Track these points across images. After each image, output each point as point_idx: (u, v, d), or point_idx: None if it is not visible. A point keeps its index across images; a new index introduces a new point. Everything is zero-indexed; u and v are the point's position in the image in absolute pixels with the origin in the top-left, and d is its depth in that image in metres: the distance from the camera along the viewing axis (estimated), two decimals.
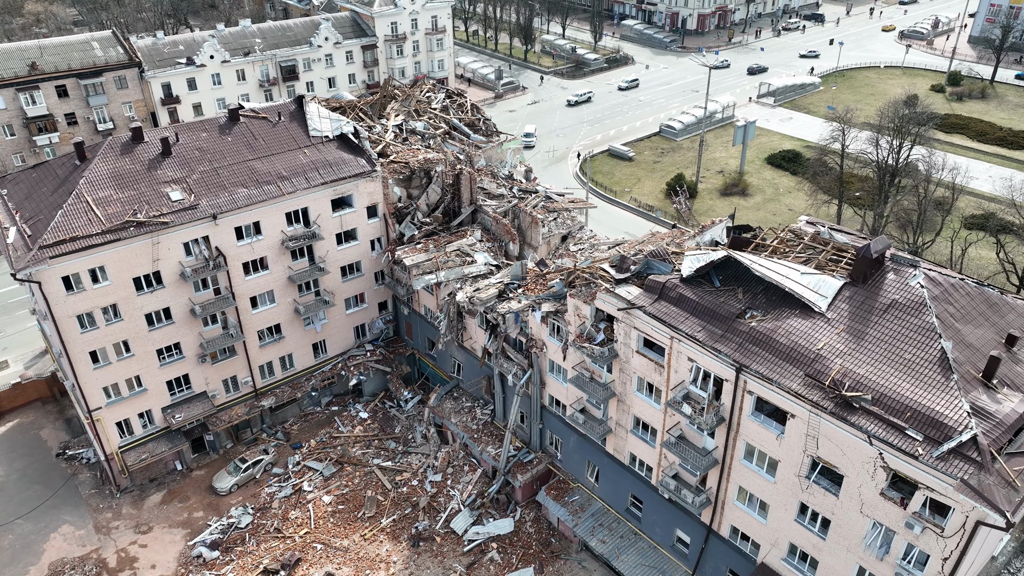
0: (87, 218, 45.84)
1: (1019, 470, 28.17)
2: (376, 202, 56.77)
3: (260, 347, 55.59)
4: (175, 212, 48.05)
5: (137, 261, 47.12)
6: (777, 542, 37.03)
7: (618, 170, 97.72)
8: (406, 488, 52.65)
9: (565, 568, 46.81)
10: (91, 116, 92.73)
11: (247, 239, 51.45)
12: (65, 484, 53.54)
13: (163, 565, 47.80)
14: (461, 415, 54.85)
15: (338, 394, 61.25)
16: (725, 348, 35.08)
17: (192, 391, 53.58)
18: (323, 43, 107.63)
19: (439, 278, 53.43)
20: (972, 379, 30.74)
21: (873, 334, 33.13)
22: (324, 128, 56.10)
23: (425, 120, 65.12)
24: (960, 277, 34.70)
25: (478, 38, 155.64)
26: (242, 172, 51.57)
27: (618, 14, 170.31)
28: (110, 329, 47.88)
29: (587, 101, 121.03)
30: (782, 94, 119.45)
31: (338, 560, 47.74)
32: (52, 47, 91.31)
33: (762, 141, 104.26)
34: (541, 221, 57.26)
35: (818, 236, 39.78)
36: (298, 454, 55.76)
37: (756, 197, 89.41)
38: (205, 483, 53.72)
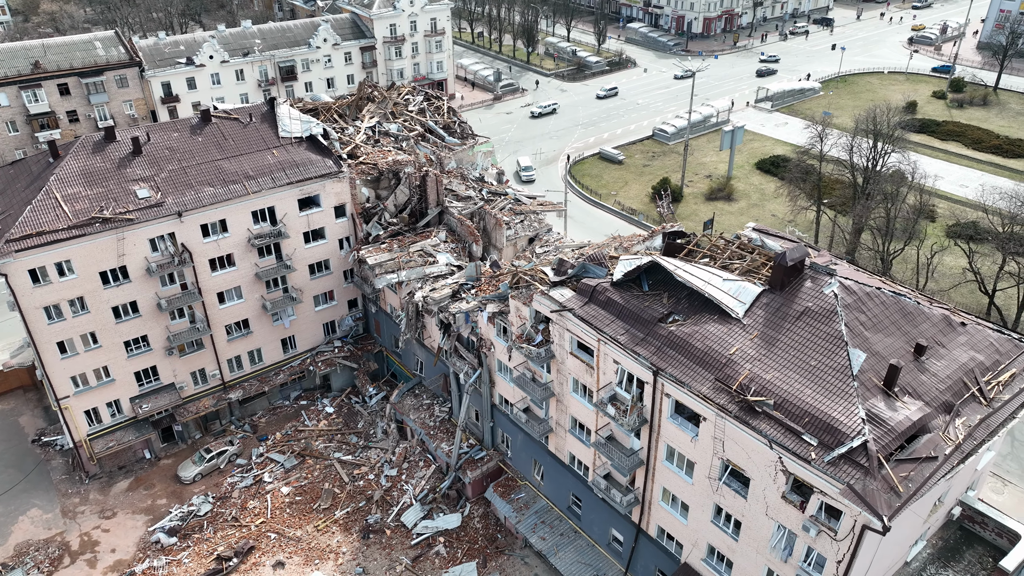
0: (55, 214, 47.74)
1: (904, 476, 28.67)
2: (344, 202, 58.17)
3: (228, 341, 57.25)
4: (141, 209, 49.81)
5: (103, 256, 48.94)
6: (697, 543, 37.73)
7: (607, 173, 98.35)
8: (362, 482, 53.98)
9: (508, 564, 47.80)
10: (92, 114, 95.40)
11: (213, 236, 53.08)
12: (38, 469, 55.63)
13: (122, 549, 49.59)
14: (420, 412, 56.07)
15: (307, 389, 62.81)
16: (644, 351, 35.88)
17: (160, 382, 55.38)
18: (322, 44, 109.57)
19: (400, 277, 54.67)
20: (873, 387, 31.24)
21: (784, 340, 33.74)
22: (294, 129, 57.62)
23: (400, 122, 66.43)
24: (877, 287, 35.13)
25: (483, 40, 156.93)
26: (210, 171, 53.24)
27: (625, 17, 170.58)
28: (77, 321, 49.78)
29: (552, 113, 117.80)
30: (780, 99, 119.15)
31: (290, 549, 49.19)
32: (55, 46, 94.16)
33: (755, 146, 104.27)
34: (506, 223, 58.28)
35: (747, 243, 40.35)
36: (263, 446, 57.36)
37: (741, 202, 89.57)
38: (171, 472, 55.50)
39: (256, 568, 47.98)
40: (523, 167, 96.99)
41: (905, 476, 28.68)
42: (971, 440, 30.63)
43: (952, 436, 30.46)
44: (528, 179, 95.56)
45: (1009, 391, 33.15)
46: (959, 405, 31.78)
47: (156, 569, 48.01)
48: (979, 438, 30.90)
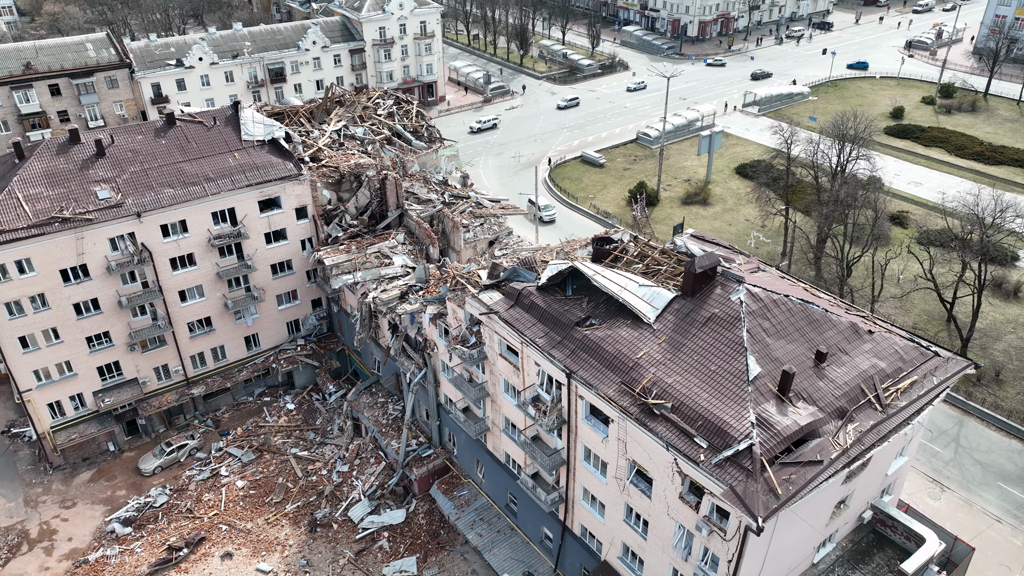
0: (15, 213, 49.50)
1: (786, 479, 29.54)
2: (305, 204, 59.60)
3: (191, 338, 58.85)
4: (101, 210, 51.47)
5: (62, 254, 50.66)
6: (614, 541, 38.74)
7: (587, 176, 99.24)
8: (315, 477, 55.38)
9: (447, 559, 48.98)
10: (83, 114, 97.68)
11: (173, 236, 54.69)
12: (5, 459, 57.51)
13: (79, 538, 51.29)
14: (374, 410, 57.41)
15: (271, 386, 64.32)
16: (559, 354, 36.93)
17: (123, 377, 57.08)
18: (311, 47, 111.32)
19: (356, 278, 56.00)
20: (767, 392, 32.11)
21: (689, 345, 34.67)
22: (256, 132, 59.13)
23: (367, 126, 67.80)
24: (785, 295, 35.92)
25: (479, 42, 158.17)
26: (171, 173, 54.85)
27: (622, 20, 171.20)
28: (38, 317, 51.54)
29: (492, 128, 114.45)
30: (767, 103, 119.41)
31: (239, 541, 50.66)
32: (47, 48, 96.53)
33: (737, 151, 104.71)
34: (464, 226, 59.43)
35: (671, 250, 41.31)
36: (223, 441, 58.93)
37: (716, 206, 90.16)
38: (133, 464, 57.18)
39: (205, 559, 49.48)
40: (542, 207, 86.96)
41: (787, 479, 29.54)
42: (859, 445, 31.41)
43: (841, 441, 31.27)
44: (550, 219, 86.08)
45: (907, 398, 33.87)
46: (853, 411, 32.56)
47: (109, 558, 49.64)
48: (868, 443, 31.66)
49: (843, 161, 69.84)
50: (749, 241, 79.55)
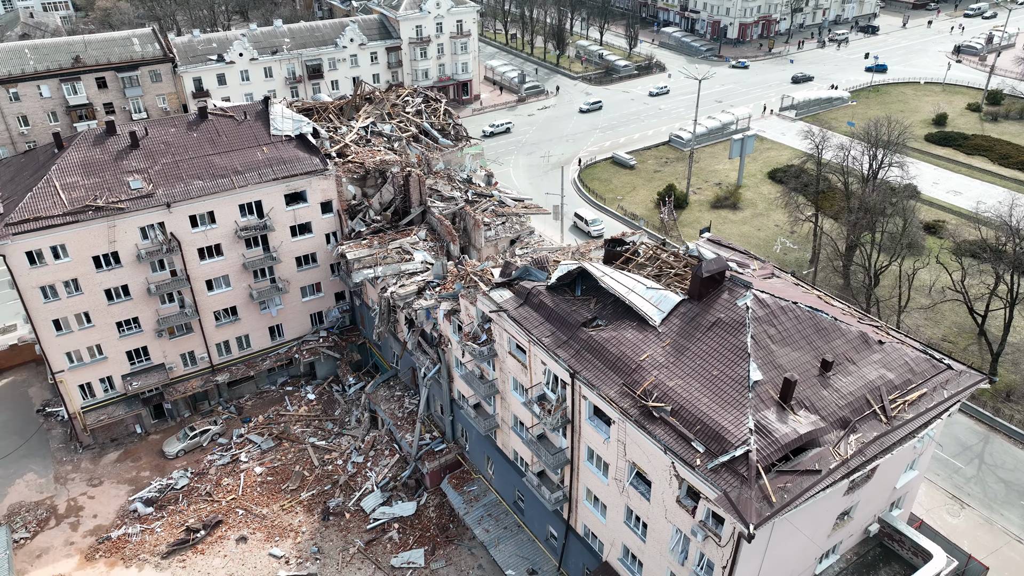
0: (52, 201, 51.50)
1: (781, 487, 29.32)
2: (330, 198, 60.71)
3: (216, 327, 60.45)
4: (132, 199, 53.24)
5: (95, 241, 52.52)
6: (615, 542, 38.82)
7: (616, 178, 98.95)
8: (331, 466, 56.45)
9: (455, 552, 49.53)
10: (127, 106, 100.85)
11: (201, 227, 56.25)
12: (38, 437, 59.84)
13: (103, 515, 53.14)
14: (391, 403, 58.29)
15: (293, 375, 65.70)
16: (564, 353, 37.14)
17: (151, 362, 58.91)
18: (348, 44, 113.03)
19: (376, 272, 56.95)
20: (769, 399, 31.88)
21: (693, 349, 34.57)
22: (285, 128, 60.43)
23: (394, 123, 68.73)
24: (794, 302, 35.56)
25: (516, 41, 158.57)
26: (201, 165, 56.41)
27: (661, 21, 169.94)
28: (71, 301, 53.52)
29: (505, 132, 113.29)
30: (805, 108, 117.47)
31: (254, 526, 51.95)
32: (95, 42, 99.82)
33: (771, 155, 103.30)
34: (485, 224, 59.96)
35: (678, 252, 41.17)
36: (245, 427, 60.42)
37: (746, 211, 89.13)
38: (158, 447, 59.00)
39: (221, 541, 50.86)
40: (589, 221, 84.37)
41: (782, 487, 29.33)
42: (860, 456, 31.00)
43: (842, 452, 30.91)
44: (597, 234, 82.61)
45: (914, 410, 33.28)
46: (856, 422, 32.14)
47: (130, 536, 51.36)
48: (870, 455, 31.23)
49: (874, 167, 68.46)
50: (776, 247, 78.53)
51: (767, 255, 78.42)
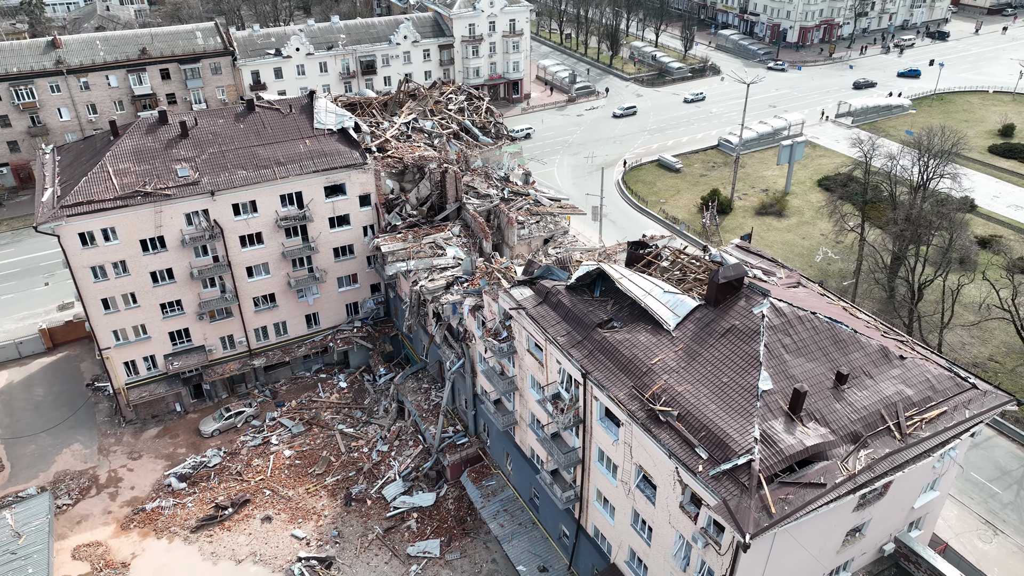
0: (105, 185, 54.09)
1: (782, 499, 28.93)
2: (369, 192, 62.05)
3: (255, 312, 62.48)
4: (179, 186, 55.48)
5: (143, 225, 54.93)
6: (622, 544, 38.82)
7: (661, 180, 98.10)
8: (357, 454, 57.78)
9: (470, 545, 50.17)
10: (188, 97, 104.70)
11: (243, 215, 58.22)
12: (86, 410, 62.88)
13: (140, 488, 55.60)
14: (418, 395, 59.29)
15: (327, 363, 67.38)
16: (578, 353, 37.31)
17: (192, 343, 61.26)
18: (402, 41, 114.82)
19: (408, 266, 57.98)
20: (777, 409, 31.45)
21: (706, 355, 34.32)
22: (328, 122, 62.00)
23: (436, 120, 69.72)
24: (812, 312, 34.92)
25: (570, 41, 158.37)
26: (245, 156, 58.38)
27: (720, 23, 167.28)
28: (119, 282, 56.09)
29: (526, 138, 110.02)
30: (862, 115, 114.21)
31: (280, 507, 53.60)
32: (161, 35, 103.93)
33: (823, 163, 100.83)
34: (518, 223, 60.36)
35: (700, 257, 40.81)
36: (278, 411, 62.30)
37: (792, 219, 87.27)
38: (195, 425, 61.32)
39: (247, 520, 52.65)
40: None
41: (783, 498, 28.95)
42: (869, 472, 30.32)
43: (850, 466, 30.30)
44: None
45: (931, 428, 32.35)
46: (868, 437, 31.44)
47: (163, 509, 53.61)
48: (880, 471, 30.51)
49: (925, 178, 66.23)
50: (817, 257, 76.73)
51: (809, 265, 76.73)
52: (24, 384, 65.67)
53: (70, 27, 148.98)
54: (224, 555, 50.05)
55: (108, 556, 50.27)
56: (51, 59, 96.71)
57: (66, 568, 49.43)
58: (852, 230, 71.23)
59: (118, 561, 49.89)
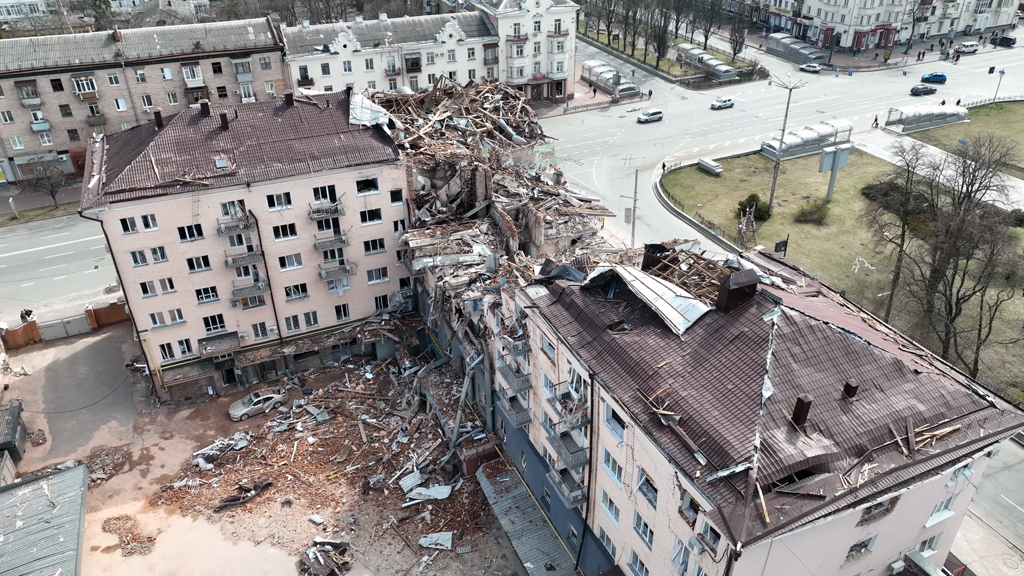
0: (147, 174, 56.27)
1: (778, 508, 28.60)
2: (400, 187, 63.08)
3: (286, 301, 64.14)
4: (216, 177, 57.34)
5: (181, 214, 56.96)
6: (625, 547, 38.81)
7: (700, 184, 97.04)
8: (377, 444, 58.85)
9: (482, 540, 50.69)
10: (238, 90, 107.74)
11: (277, 207, 59.83)
12: (124, 389, 65.47)
13: (169, 466, 57.69)
14: (439, 389, 60.08)
15: (355, 354, 68.74)
16: (587, 354, 37.43)
17: (225, 329, 63.23)
18: (447, 39, 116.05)
19: (436, 261, 58.81)
20: (780, 418, 31.08)
21: (712, 361, 34.09)
22: (363, 117, 63.25)
23: (470, 118, 70.41)
24: (825, 322, 34.33)
25: (618, 42, 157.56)
26: (281, 149, 59.98)
27: (772, 26, 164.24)
28: (157, 267, 58.28)
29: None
30: (914, 123, 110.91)
31: (300, 491, 54.99)
32: (215, 30, 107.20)
33: (869, 171, 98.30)
34: (546, 222, 60.63)
35: (715, 263, 40.46)
36: (305, 399, 63.85)
37: (831, 227, 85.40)
38: (225, 409, 63.28)
39: (268, 503, 54.17)
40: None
41: (779, 508, 28.64)
42: (871, 487, 29.74)
43: (852, 480, 29.78)
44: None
45: (942, 445, 31.53)
46: (874, 451, 30.83)
47: (189, 488, 55.53)
48: (883, 486, 29.90)
49: (969, 188, 64.12)
50: (854, 267, 74.93)
51: (846, 275, 75.04)
52: (69, 362, 68.70)
53: (133, 21, 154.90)
54: (244, 536, 51.62)
55: (136, 530, 52.33)
56: (111, 52, 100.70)
57: (96, 539, 51.66)
58: (891, 240, 69.39)
59: (145, 535, 51.89)
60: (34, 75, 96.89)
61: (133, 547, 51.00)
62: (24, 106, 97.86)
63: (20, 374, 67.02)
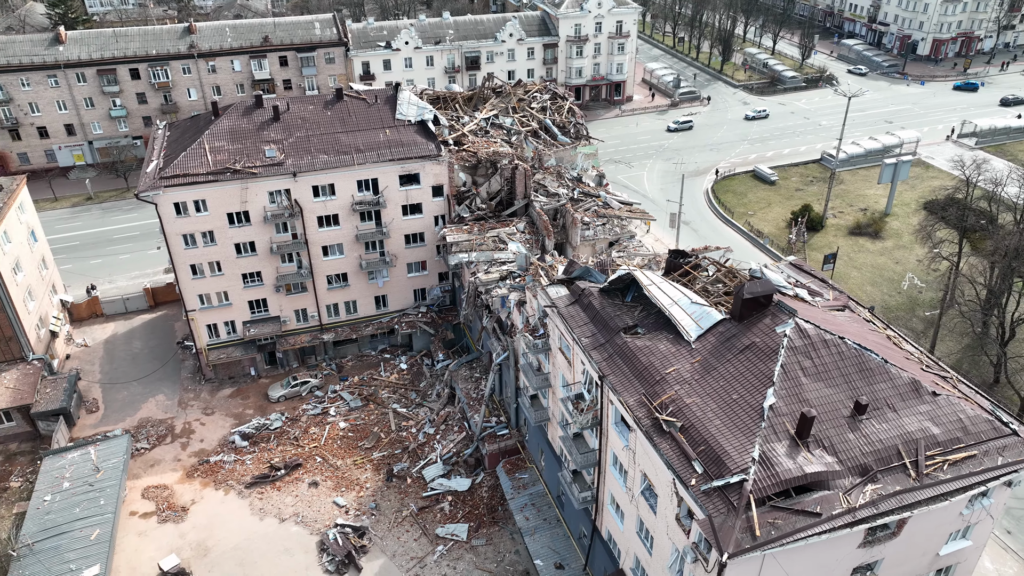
0: (201, 161, 58.93)
1: (770, 523, 28.17)
2: (442, 183, 64.19)
3: (328, 289, 66.11)
4: (265, 166, 59.59)
5: (230, 200, 59.43)
6: (628, 551, 38.76)
7: (753, 192, 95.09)
8: (405, 433, 60.13)
9: (497, 534, 51.27)
10: (302, 84, 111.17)
11: (322, 197, 61.74)
12: (173, 365, 68.69)
13: (208, 441, 60.32)
14: (468, 383, 60.93)
15: (392, 344, 70.28)
16: (598, 356, 37.53)
17: (268, 313, 65.64)
18: (507, 39, 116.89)
19: (470, 257, 59.68)
20: (783, 432, 30.56)
21: (721, 370, 33.73)
22: (409, 113, 64.61)
23: (516, 117, 70.99)
24: (841, 337, 33.50)
25: (683, 45, 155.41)
26: (328, 141, 61.87)
27: (845, 32, 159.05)
28: (206, 250, 60.96)
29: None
30: (988, 136, 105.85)
31: (327, 474, 56.72)
32: (283, 24, 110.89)
33: (934, 184, 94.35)
34: (583, 224, 60.76)
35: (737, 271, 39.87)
36: (340, 385, 65.70)
37: (887, 241, 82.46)
38: (264, 390, 65.69)
39: (296, 482, 56.06)
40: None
41: (771, 522, 28.21)
42: (871, 508, 28.95)
43: (852, 499, 29.07)
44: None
45: (954, 471, 30.40)
46: (879, 472, 29.99)
47: (224, 463, 57.95)
48: (884, 508, 29.07)
49: None
50: (904, 284, 72.18)
51: (897, 292, 72.40)
52: (126, 336, 72.51)
53: (212, 15, 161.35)
54: (270, 512, 53.59)
55: (172, 499, 54.98)
56: (185, 43, 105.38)
57: (135, 505, 54.52)
58: (946, 259, 66.64)
59: (179, 505, 54.47)
60: (115, 64, 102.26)
61: (168, 515, 53.62)
62: (104, 93, 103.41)
63: (81, 345, 71.11)
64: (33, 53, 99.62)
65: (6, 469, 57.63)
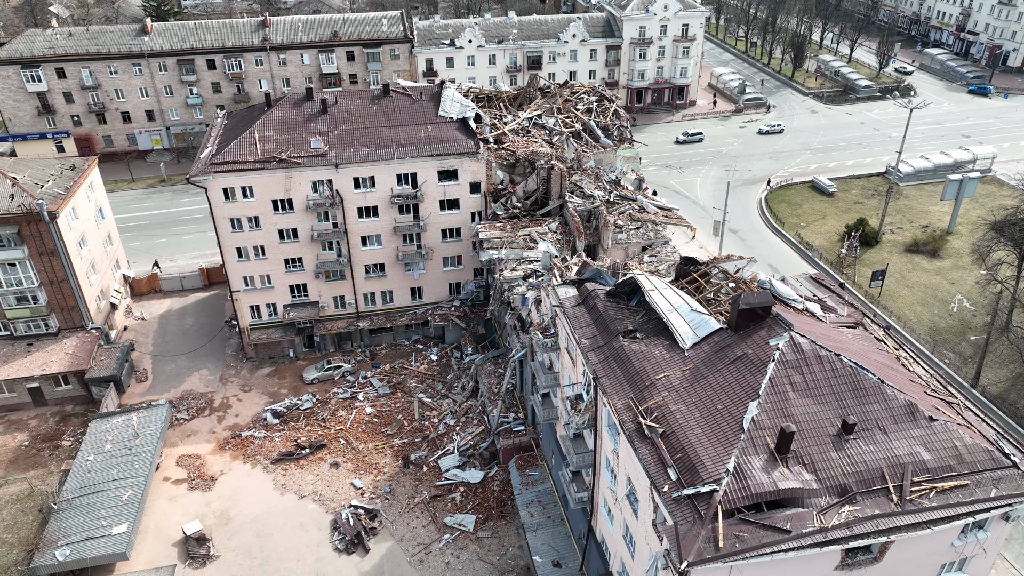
0: (250, 149, 61.84)
1: (736, 535, 27.89)
2: (479, 180, 65.26)
3: (365, 279, 68.21)
4: (309, 156, 62.00)
5: (275, 188, 62.13)
6: (616, 554, 38.84)
7: (809, 203, 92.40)
8: (427, 423, 61.54)
9: (503, 528, 51.98)
10: (368, 78, 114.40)
11: (363, 189, 63.78)
12: (219, 342, 72.22)
13: (242, 416, 63.29)
14: (492, 378, 61.82)
15: (425, 336, 71.87)
16: (594, 358, 37.73)
17: (308, 298, 68.23)
18: (570, 39, 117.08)
19: (500, 254, 60.54)
20: (762, 446, 30.14)
21: (710, 379, 33.44)
22: (451, 111, 65.93)
23: (560, 118, 71.35)
24: (836, 354, 32.69)
25: (755, 50, 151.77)
26: (371, 135, 63.83)
27: (931, 41, 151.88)
28: (251, 235, 63.89)
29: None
30: None
31: (348, 456, 58.69)
32: (352, 20, 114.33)
33: (1005, 203, 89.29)
34: (615, 227, 60.73)
35: (746, 281, 39.25)
36: (371, 372, 67.71)
37: (946, 260, 78.77)
38: (300, 371, 68.34)
39: (318, 462, 58.24)
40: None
41: (737, 535, 27.95)
42: (844, 529, 28.26)
43: (825, 519, 28.46)
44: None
45: (941, 500, 29.30)
46: (858, 493, 29.21)
47: (254, 438, 60.70)
48: (859, 531, 28.31)
49: None
50: (952, 306, 68.82)
51: (947, 313, 69.18)
52: (179, 312, 76.64)
53: (294, 9, 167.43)
54: (291, 488, 55.88)
55: (203, 468, 58.03)
56: (259, 36, 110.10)
57: (169, 471, 57.81)
58: (1000, 282, 63.32)
59: (209, 475, 57.44)
60: (193, 55, 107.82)
61: (197, 483, 56.62)
62: (182, 82, 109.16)
63: (139, 318, 75.61)
64: (121, 43, 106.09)
65: (60, 428, 62.01)
